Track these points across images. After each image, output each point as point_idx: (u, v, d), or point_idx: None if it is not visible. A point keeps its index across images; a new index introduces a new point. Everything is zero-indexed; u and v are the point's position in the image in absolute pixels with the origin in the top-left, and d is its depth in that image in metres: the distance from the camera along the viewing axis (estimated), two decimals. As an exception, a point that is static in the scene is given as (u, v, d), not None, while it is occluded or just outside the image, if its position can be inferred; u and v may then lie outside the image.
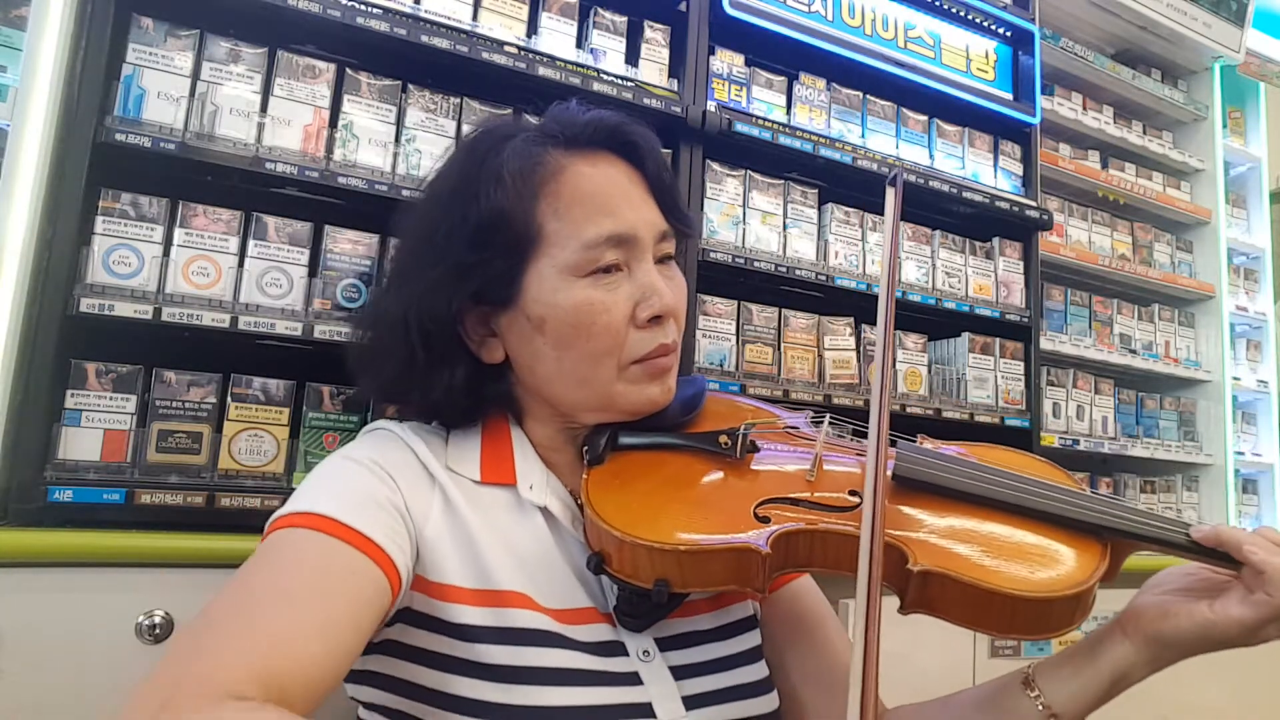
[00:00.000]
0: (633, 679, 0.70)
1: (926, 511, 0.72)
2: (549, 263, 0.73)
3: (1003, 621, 0.65)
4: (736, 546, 0.66)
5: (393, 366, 0.77)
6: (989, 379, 1.99)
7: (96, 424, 1.17)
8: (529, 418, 0.81)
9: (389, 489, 0.69)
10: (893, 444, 0.76)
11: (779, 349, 1.73)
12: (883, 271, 0.73)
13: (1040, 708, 0.71)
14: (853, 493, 0.73)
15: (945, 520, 0.71)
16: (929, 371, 1.93)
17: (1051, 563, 0.67)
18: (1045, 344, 2.16)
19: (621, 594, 0.72)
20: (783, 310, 1.75)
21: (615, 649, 0.71)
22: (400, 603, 0.67)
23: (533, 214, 0.73)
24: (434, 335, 0.75)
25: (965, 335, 1.98)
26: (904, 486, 0.73)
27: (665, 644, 0.74)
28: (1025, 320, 2.05)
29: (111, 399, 1.18)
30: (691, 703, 0.71)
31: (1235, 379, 2.65)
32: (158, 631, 1.05)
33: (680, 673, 0.72)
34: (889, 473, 0.72)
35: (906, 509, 0.72)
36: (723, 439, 0.76)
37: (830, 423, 0.82)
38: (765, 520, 0.69)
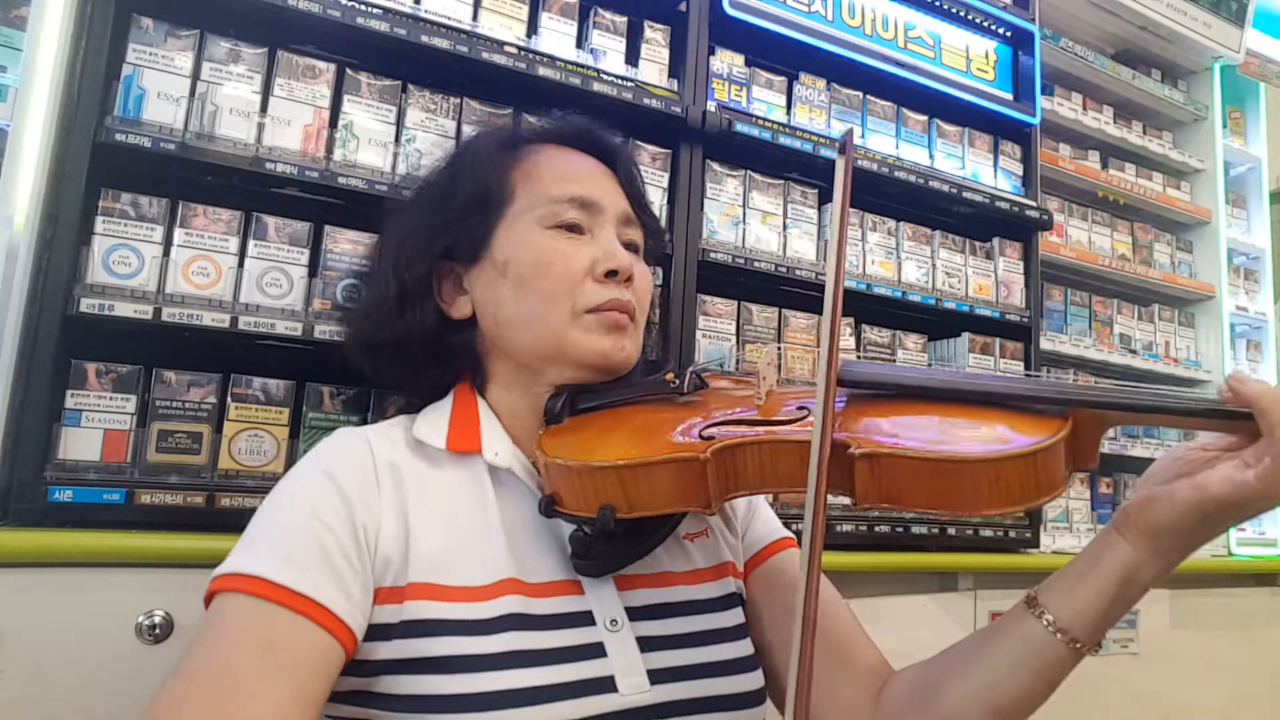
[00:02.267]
0: (596, 650, 0.69)
1: (878, 415, 0.68)
2: (518, 217, 0.80)
3: (957, 493, 0.60)
4: (678, 458, 0.65)
5: (373, 313, 0.85)
6: (989, 379, 1.99)
7: (96, 424, 1.17)
8: (493, 383, 0.82)
9: (340, 513, 0.68)
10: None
11: (779, 349, 1.73)
12: (830, 245, 0.71)
13: (1046, 624, 0.65)
14: (801, 408, 0.71)
15: (895, 418, 0.67)
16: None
17: (1003, 431, 0.63)
18: (1045, 344, 2.17)
19: (574, 535, 0.72)
20: (783, 310, 1.75)
21: (579, 620, 0.70)
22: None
23: (506, 179, 0.81)
24: (408, 284, 0.82)
25: (965, 335, 1.98)
26: (856, 397, 0.71)
27: (636, 614, 0.73)
28: (1025, 320, 2.05)
29: (111, 399, 1.18)
30: (657, 676, 0.70)
31: (1235, 379, 2.65)
32: (158, 631, 1.05)
33: (648, 644, 0.71)
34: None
35: (856, 415, 0.68)
36: (669, 377, 0.78)
37: (775, 353, 0.83)
38: (711, 438, 0.68)
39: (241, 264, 1.27)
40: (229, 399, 1.24)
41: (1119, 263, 2.49)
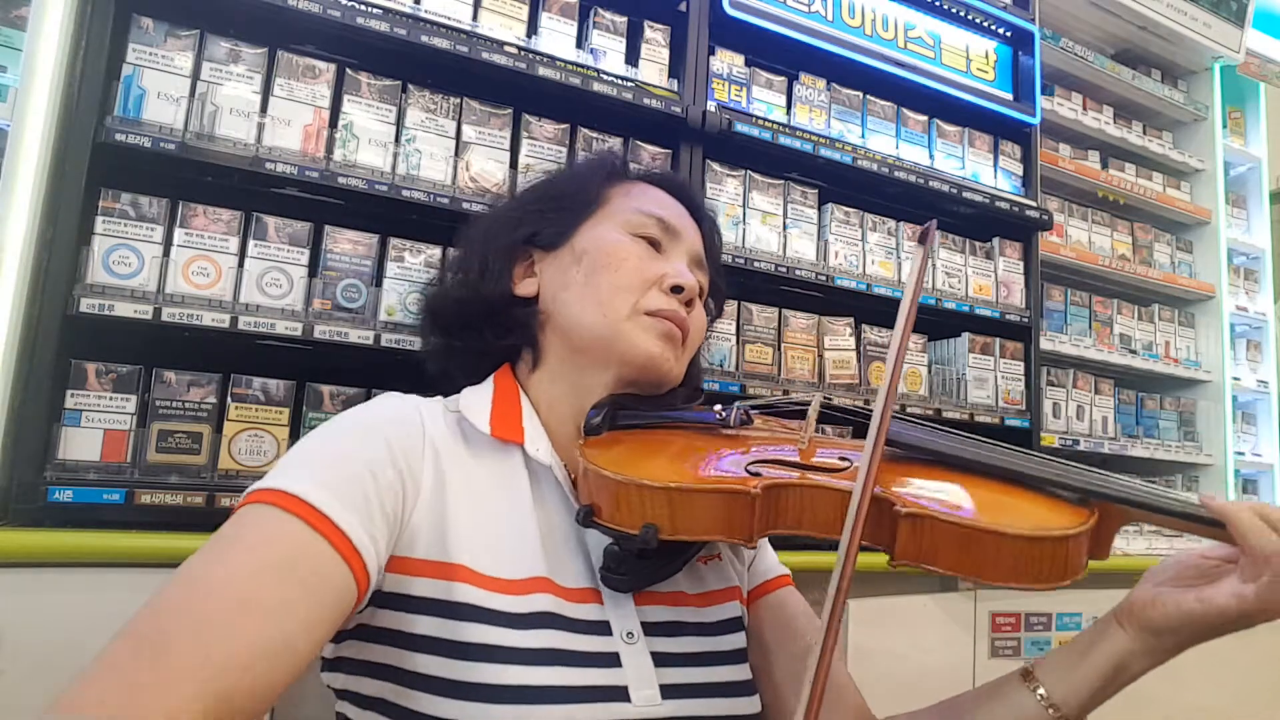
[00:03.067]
0: (611, 660, 0.69)
1: (917, 476, 0.72)
2: (606, 218, 0.87)
3: (989, 564, 0.64)
4: (727, 489, 0.67)
5: (455, 279, 0.93)
6: (989, 379, 1.99)
7: (96, 424, 1.17)
8: (542, 366, 0.85)
9: (389, 459, 0.68)
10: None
11: (779, 349, 1.73)
12: (901, 312, 0.73)
13: (1040, 698, 0.70)
14: (843, 459, 0.74)
15: (934, 483, 0.71)
16: (929, 372, 1.93)
17: (1038, 514, 0.67)
18: (1045, 344, 2.16)
19: (609, 548, 0.72)
20: (783, 310, 1.75)
21: (597, 627, 0.71)
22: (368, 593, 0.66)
23: (603, 191, 0.90)
24: (490, 258, 0.89)
25: (965, 335, 1.98)
26: (897, 457, 0.75)
27: (650, 629, 0.73)
28: (1025, 320, 2.05)
29: (111, 399, 1.18)
30: (669, 692, 0.70)
31: (1235, 379, 2.65)
32: (158, 631, 1.05)
33: (661, 660, 0.72)
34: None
35: (897, 474, 0.72)
36: (718, 409, 0.81)
37: (823, 404, 0.85)
38: (757, 474, 0.69)
39: (241, 264, 1.27)
40: (229, 399, 1.24)
41: (1119, 263, 2.49)
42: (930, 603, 1.67)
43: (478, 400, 0.80)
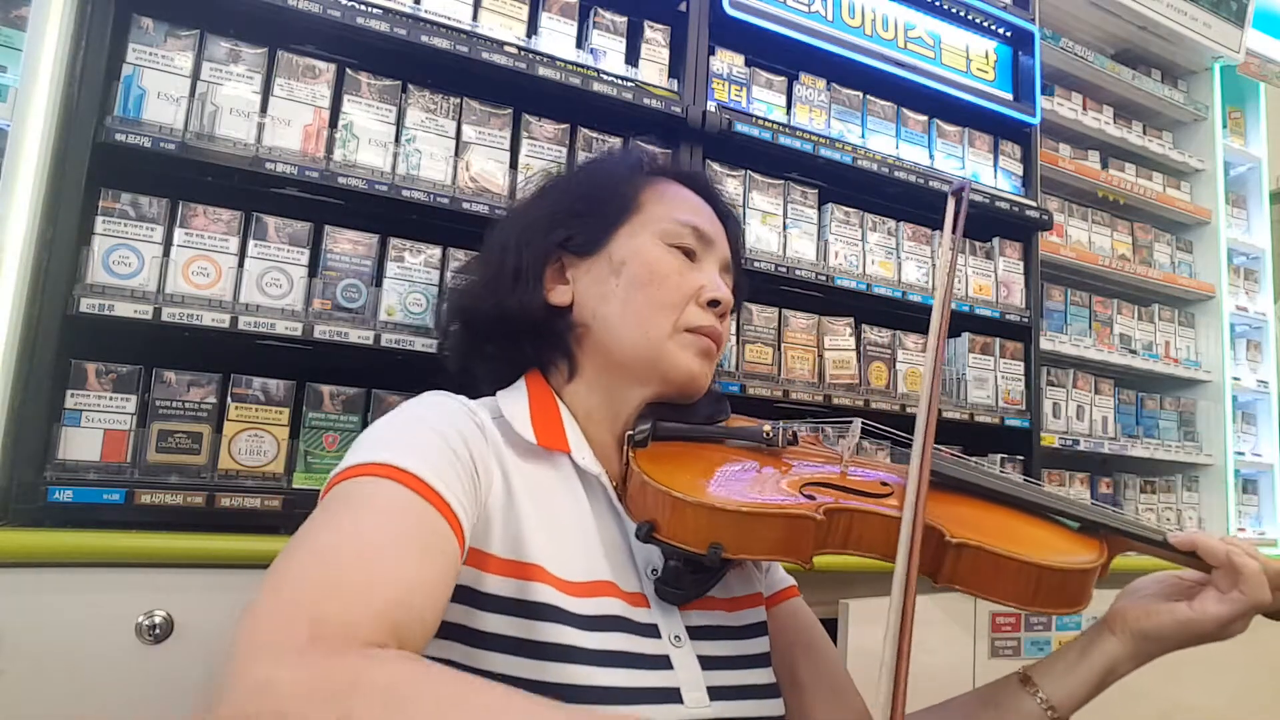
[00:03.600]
0: (663, 662, 0.70)
1: (953, 505, 0.78)
2: (642, 226, 0.85)
3: (1027, 591, 0.71)
4: (793, 512, 0.70)
5: (486, 286, 0.89)
6: (989, 379, 1.99)
7: (96, 424, 1.17)
8: (577, 379, 0.84)
9: (463, 457, 0.68)
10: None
11: (779, 349, 1.73)
12: (939, 281, 0.82)
13: (1040, 701, 0.77)
14: (883, 484, 0.79)
15: (969, 512, 0.78)
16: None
17: (1063, 545, 0.76)
18: (1045, 344, 2.16)
19: (667, 564, 0.74)
20: (783, 310, 1.75)
21: (647, 630, 0.72)
22: None
23: (638, 193, 0.88)
24: (524, 263, 0.86)
25: (965, 335, 1.98)
26: (933, 485, 0.79)
27: (694, 633, 0.75)
28: (1025, 320, 2.05)
29: (111, 399, 1.18)
30: (715, 694, 0.72)
31: (1235, 379, 2.65)
32: (157, 631, 1.05)
33: (707, 663, 0.73)
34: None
35: (934, 502, 0.76)
36: (767, 429, 0.83)
37: (863, 428, 0.88)
38: (812, 499, 0.73)
39: (241, 264, 1.27)
40: (229, 399, 1.24)
41: (1119, 263, 2.49)
42: (930, 603, 1.67)
43: (517, 408, 0.79)
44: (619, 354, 0.81)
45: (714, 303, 0.83)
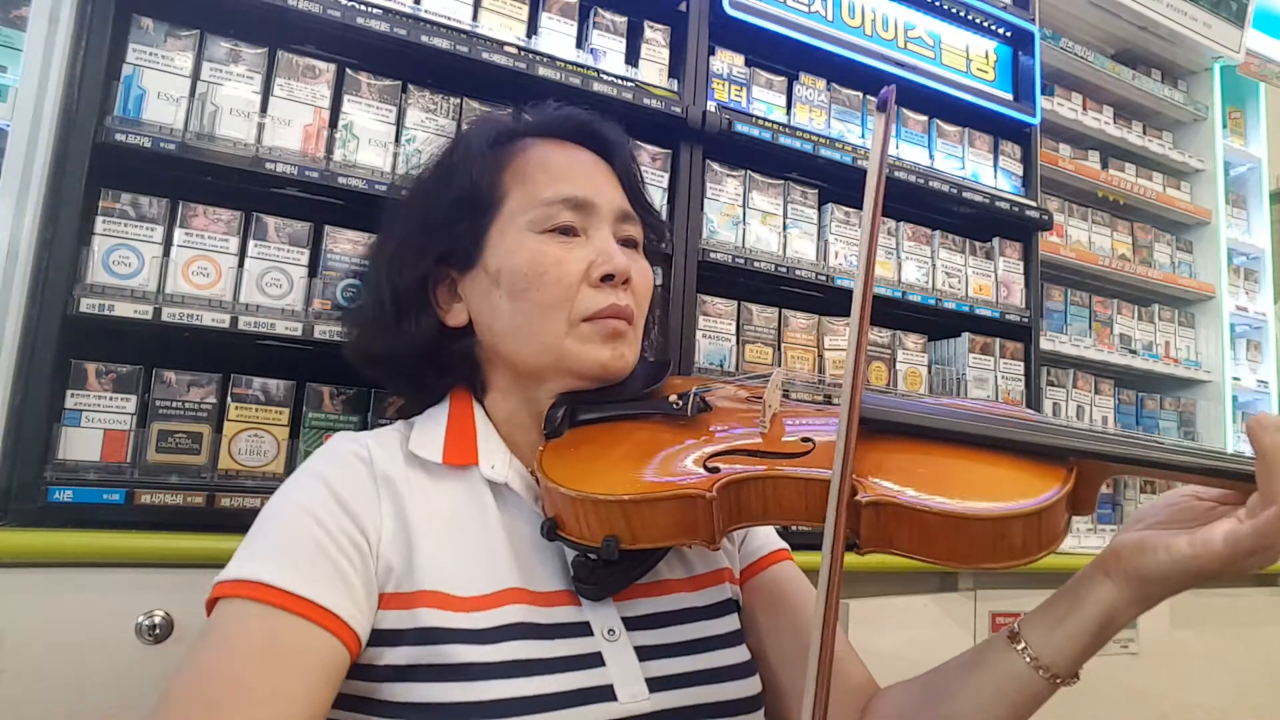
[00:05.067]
0: (594, 660, 0.69)
1: (883, 452, 0.68)
2: (509, 221, 0.78)
3: (961, 547, 0.61)
4: (681, 494, 0.65)
5: (369, 320, 0.84)
6: (989, 379, 1.99)
7: (96, 424, 1.17)
8: (492, 390, 0.81)
9: (339, 519, 0.67)
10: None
11: (779, 349, 1.73)
12: (867, 197, 0.70)
13: (1028, 659, 0.66)
14: (805, 440, 0.71)
15: (901, 458, 0.67)
16: (929, 372, 1.93)
17: (1008, 484, 0.63)
18: (1045, 344, 2.16)
19: (576, 560, 0.72)
20: (783, 310, 1.75)
21: (576, 630, 0.70)
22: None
23: (498, 180, 0.79)
24: (402, 293, 0.80)
25: (965, 335, 1.98)
26: (864, 431, 0.69)
27: (633, 623, 0.73)
28: (1025, 320, 2.05)
29: (111, 399, 1.18)
30: (656, 684, 0.70)
31: (1235, 379, 2.65)
32: (158, 631, 1.05)
33: (646, 653, 0.71)
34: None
35: (863, 452, 0.67)
36: (674, 399, 0.77)
37: (784, 379, 0.81)
38: (715, 470, 0.68)
39: (241, 264, 1.27)
40: (229, 399, 1.24)
41: (1119, 263, 2.49)
42: (930, 603, 1.67)
43: (431, 430, 0.78)
44: (523, 366, 0.78)
45: (608, 277, 0.76)
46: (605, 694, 0.67)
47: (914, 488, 0.62)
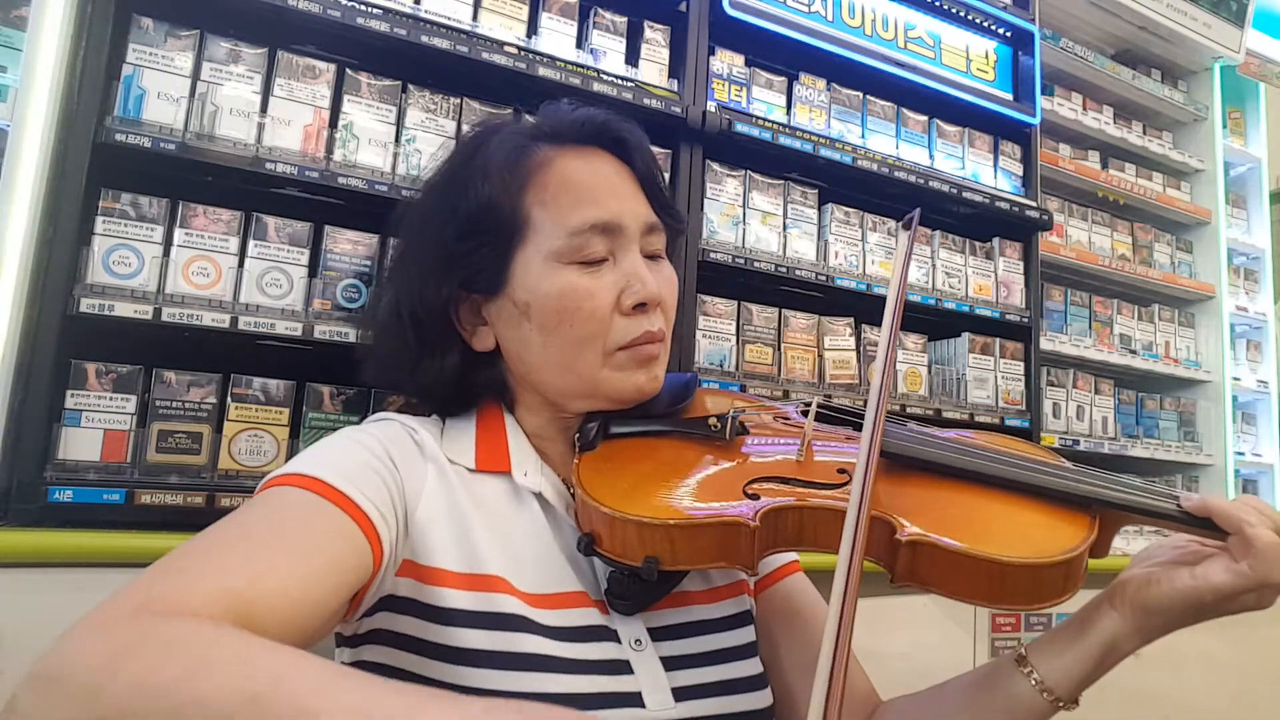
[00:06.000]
0: (623, 667, 0.70)
1: (915, 489, 0.71)
2: (535, 250, 0.75)
3: (993, 590, 0.65)
4: (726, 520, 0.66)
5: (389, 353, 0.81)
6: (989, 379, 1.99)
7: (96, 424, 1.17)
8: (521, 406, 0.81)
9: (387, 468, 0.69)
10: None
11: (779, 349, 1.73)
12: (889, 302, 0.75)
13: (1034, 683, 0.70)
14: (841, 471, 0.73)
15: (934, 496, 0.71)
16: (929, 372, 1.93)
17: (1040, 531, 0.67)
18: (1045, 344, 2.16)
19: (612, 575, 0.72)
20: (783, 310, 1.75)
21: (606, 635, 0.71)
22: (384, 587, 0.67)
23: (519, 203, 0.75)
24: (424, 323, 0.77)
25: (965, 335, 1.98)
26: (894, 466, 0.73)
27: (658, 634, 0.73)
28: (1025, 320, 2.05)
29: (111, 399, 1.18)
30: (681, 694, 0.71)
31: (1235, 379, 2.65)
32: (158, 632, 1.05)
33: (671, 663, 0.72)
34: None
35: (895, 487, 0.71)
36: (712, 421, 0.77)
37: (819, 409, 0.82)
38: (755, 497, 0.69)
39: (241, 264, 1.27)
40: (229, 399, 1.24)
41: (1119, 263, 2.49)
42: (930, 603, 1.67)
43: (462, 437, 0.78)
44: (555, 394, 0.78)
45: (640, 305, 0.75)
46: (634, 700, 0.68)
47: (953, 532, 0.65)
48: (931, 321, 1.97)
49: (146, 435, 1.19)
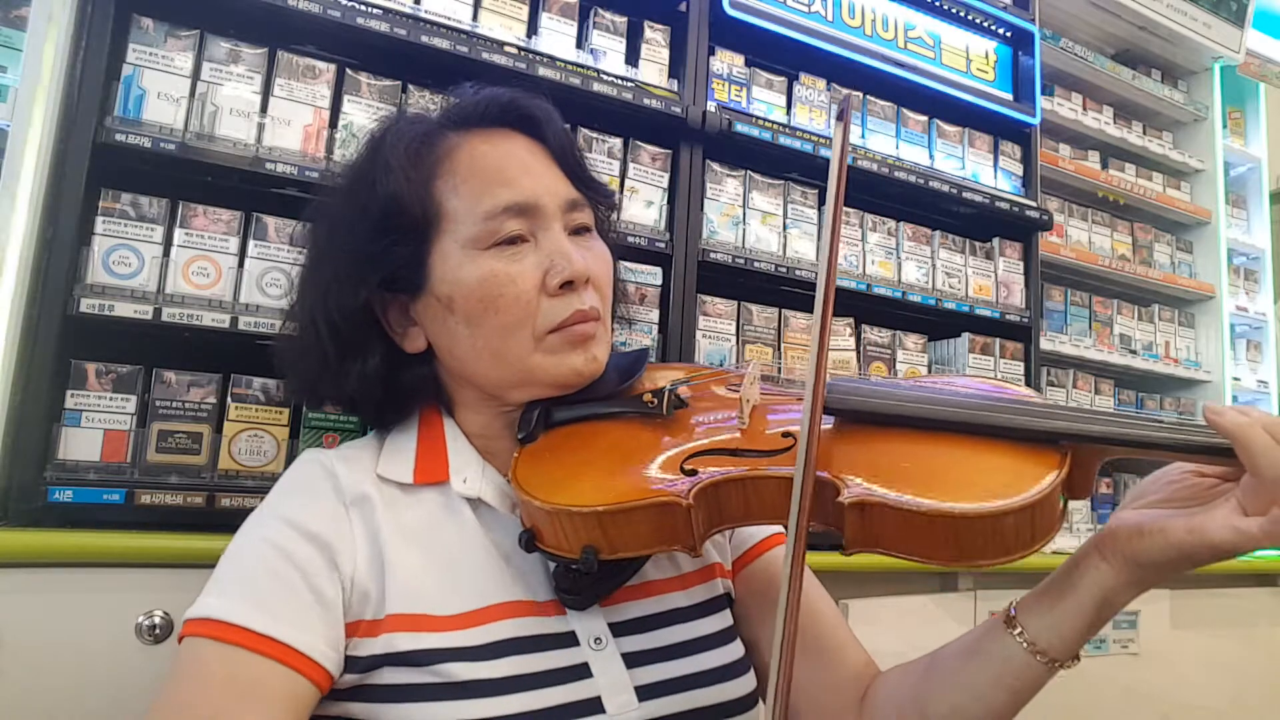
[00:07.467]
0: (580, 672, 0.67)
1: (868, 445, 0.65)
2: (451, 240, 0.72)
3: (950, 546, 0.58)
4: (657, 502, 0.63)
5: (307, 361, 0.77)
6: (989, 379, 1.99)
7: (96, 424, 1.17)
8: (461, 407, 0.78)
9: (302, 561, 0.66)
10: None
11: (779, 349, 1.73)
12: (829, 210, 0.67)
13: (1024, 645, 0.64)
14: (785, 434, 0.68)
15: (888, 450, 0.64)
16: (929, 372, 1.93)
17: (1001, 477, 0.59)
18: (1045, 344, 2.17)
19: (557, 571, 0.70)
20: (783, 310, 1.75)
21: (557, 642, 0.68)
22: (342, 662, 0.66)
23: (429, 194, 0.72)
24: (342, 328, 0.74)
25: (965, 335, 1.98)
26: (845, 423, 0.67)
27: (620, 629, 0.71)
28: (1025, 320, 2.05)
29: (111, 399, 1.18)
30: (646, 693, 0.68)
31: (1235, 379, 2.65)
32: (158, 631, 1.05)
33: (634, 660, 0.70)
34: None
35: (848, 445, 0.65)
36: (647, 398, 0.73)
37: (760, 369, 0.77)
38: (693, 473, 0.65)
39: (241, 264, 1.27)
40: (229, 399, 1.24)
41: (1119, 263, 2.50)
42: (930, 603, 1.67)
43: (401, 450, 0.75)
44: (492, 387, 0.75)
45: (567, 283, 0.71)
46: (593, 706, 0.66)
47: (899, 486, 0.59)
48: (931, 321, 1.97)
49: (146, 435, 1.19)
